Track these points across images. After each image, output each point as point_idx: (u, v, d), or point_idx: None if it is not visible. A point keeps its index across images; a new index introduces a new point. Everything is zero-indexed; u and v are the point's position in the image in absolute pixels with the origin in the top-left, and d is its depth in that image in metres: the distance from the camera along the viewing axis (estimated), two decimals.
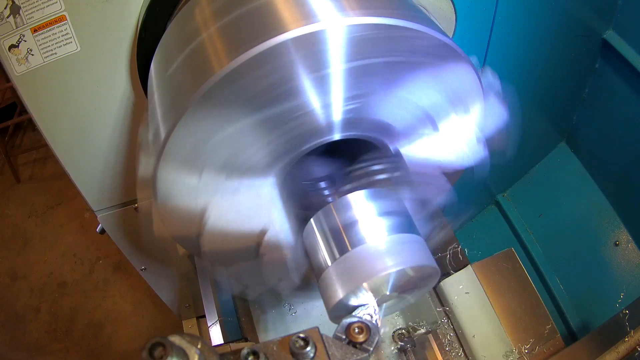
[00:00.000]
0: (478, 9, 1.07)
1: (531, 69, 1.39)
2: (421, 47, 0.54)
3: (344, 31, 0.50)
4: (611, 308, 1.45)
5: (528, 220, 1.74)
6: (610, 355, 0.80)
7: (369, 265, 0.52)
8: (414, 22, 0.52)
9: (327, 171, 0.66)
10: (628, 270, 1.52)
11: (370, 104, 0.56)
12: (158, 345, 0.40)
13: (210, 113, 0.52)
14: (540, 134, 1.73)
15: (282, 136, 0.56)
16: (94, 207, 1.15)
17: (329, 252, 0.56)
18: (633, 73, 1.37)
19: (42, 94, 0.91)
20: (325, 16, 0.50)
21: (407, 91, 0.57)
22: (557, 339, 0.94)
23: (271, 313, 1.17)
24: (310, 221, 0.59)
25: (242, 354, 0.46)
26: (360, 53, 0.52)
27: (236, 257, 0.66)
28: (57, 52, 0.86)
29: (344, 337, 0.52)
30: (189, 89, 0.52)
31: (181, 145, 0.54)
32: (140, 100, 0.94)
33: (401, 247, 0.54)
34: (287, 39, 0.49)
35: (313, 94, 0.53)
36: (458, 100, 0.61)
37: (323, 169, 0.64)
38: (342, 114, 0.55)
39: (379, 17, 0.51)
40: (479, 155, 0.63)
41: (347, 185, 0.62)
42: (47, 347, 2.35)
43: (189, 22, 0.64)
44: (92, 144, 1.00)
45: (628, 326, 0.82)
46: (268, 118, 0.54)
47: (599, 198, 1.63)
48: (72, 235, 2.73)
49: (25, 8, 0.84)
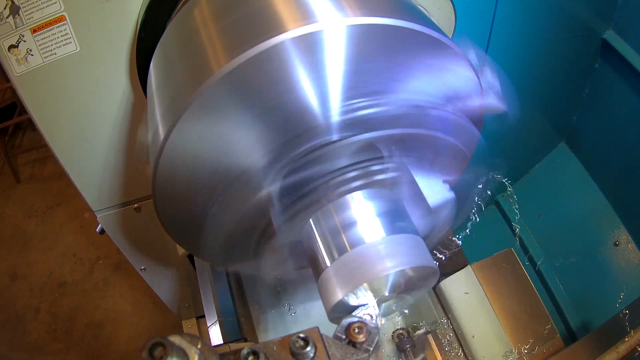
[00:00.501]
0: (477, 9, 1.07)
1: (531, 69, 1.39)
2: (420, 47, 0.54)
3: (343, 31, 0.50)
4: (611, 308, 1.45)
5: (528, 220, 1.74)
6: (610, 355, 0.80)
7: (368, 265, 0.52)
8: (412, 22, 0.52)
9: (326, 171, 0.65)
10: (628, 271, 1.52)
11: (370, 104, 0.56)
12: (158, 345, 0.40)
13: (208, 113, 0.52)
14: (540, 134, 1.73)
15: (281, 137, 0.56)
16: (94, 207, 1.15)
17: (327, 253, 0.56)
18: (633, 73, 1.37)
19: (41, 94, 0.91)
20: (324, 16, 0.50)
21: (406, 91, 0.57)
22: (557, 339, 0.94)
23: (271, 313, 1.17)
24: (309, 221, 0.59)
25: (242, 354, 0.46)
26: (359, 53, 0.52)
27: (235, 247, 0.65)
28: (57, 52, 0.86)
29: (344, 337, 0.52)
30: (188, 89, 0.52)
31: (180, 145, 0.54)
32: (140, 100, 0.94)
33: (400, 248, 0.54)
34: (285, 39, 0.49)
35: (312, 94, 0.53)
36: (457, 100, 0.61)
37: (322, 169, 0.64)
38: (341, 115, 0.55)
39: (378, 17, 0.51)
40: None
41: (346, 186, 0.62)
42: (46, 347, 2.36)
43: (188, 22, 0.64)
44: (92, 143, 1.00)
45: (628, 326, 0.82)
46: (267, 118, 0.54)
47: (598, 198, 1.63)
48: (72, 235, 2.73)
49: (24, 8, 0.84)
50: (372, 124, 0.55)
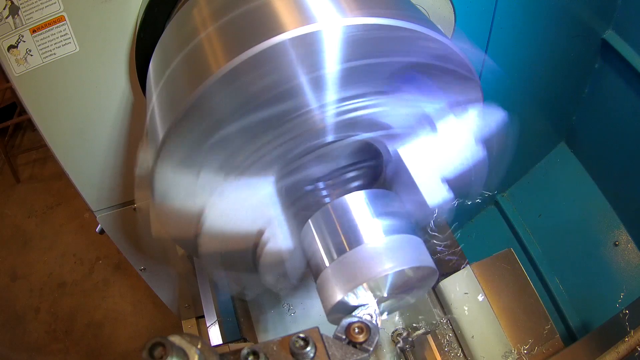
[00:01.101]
0: (477, 9, 1.07)
1: (530, 69, 1.39)
2: (418, 47, 0.54)
3: (341, 31, 0.50)
4: (610, 308, 1.45)
5: (527, 220, 1.74)
6: (610, 355, 0.80)
7: (367, 266, 0.52)
8: (411, 22, 0.52)
9: (326, 171, 0.65)
10: (627, 271, 1.52)
11: (369, 104, 0.56)
12: (158, 345, 0.40)
13: (207, 113, 0.52)
14: (539, 134, 1.73)
15: (280, 136, 0.56)
16: (93, 207, 1.15)
17: (326, 253, 0.56)
18: (633, 73, 1.37)
19: (41, 94, 0.91)
20: (322, 16, 0.50)
21: (406, 92, 0.57)
22: (556, 339, 0.94)
23: (270, 313, 1.17)
24: (308, 222, 0.59)
25: (242, 353, 0.46)
26: (358, 53, 0.52)
27: (234, 259, 0.66)
28: (56, 53, 0.86)
29: (344, 337, 0.52)
30: (187, 89, 0.52)
31: (179, 145, 0.54)
32: (139, 101, 0.94)
33: (399, 248, 0.54)
34: (284, 40, 0.49)
35: (311, 95, 0.53)
36: (457, 100, 0.61)
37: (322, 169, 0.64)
38: (339, 115, 0.55)
39: (376, 18, 0.50)
40: (477, 156, 0.63)
41: (345, 186, 0.62)
42: (46, 347, 2.36)
43: (187, 23, 0.64)
44: (92, 144, 1.00)
45: (628, 326, 0.82)
46: (266, 118, 0.54)
47: (598, 198, 1.63)
48: (71, 235, 2.73)
49: (24, 8, 0.84)
50: (369, 124, 0.55)
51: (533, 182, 1.79)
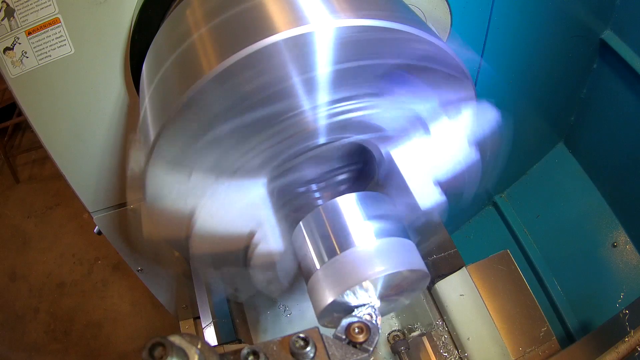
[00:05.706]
0: (473, 9, 1.07)
1: (528, 70, 1.39)
2: (412, 49, 0.54)
3: (333, 33, 0.50)
4: (609, 310, 1.45)
5: (526, 221, 1.73)
6: (610, 355, 0.80)
7: (357, 269, 0.52)
8: (404, 24, 0.52)
9: (317, 173, 0.65)
10: (626, 272, 1.52)
11: (361, 106, 0.56)
12: (158, 345, 0.40)
13: (199, 114, 0.52)
14: (538, 135, 1.73)
15: (272, 138, 0.56)
16: (90, 209, 1.15)
17: (317, 256, 0.56)
18: (631, 73, 1.37)
19: (37, 96, 0.91)
20: (315, 18, 0.50)
21: (398, 93, 0.57)
22: (553, 341, 0.93)
23: (266, 315, 1.17)
24: (299, 224, 0.59)
25: (242, 354, 0.46)
26: (351, 55, 0.51)
27: (225, 260, 0.66)
28: (52, 55, 0.86)
29: (344, 337, 0.52)
30: (179, 90, 0.52)
31: (170, 146, 0.54)
32: (135, 102, 0.94)
33: (390, 251, 0.54)
34: (276, 41, 0.49)
35: (303, 96, 0.53)
36: (450, 102, 0.61)
37: (314, 171, 0.64)
38: (332, 116, 0.55)
39: (369, 20, 0.50)
40: (471, 158, 0.62)
41: (337, 188, 0.61)
42: (45, 347, 2.36)
43: (180, 24, 0.64)
44: (88, 145, 1.00)
45: (628, 326, 0.82)
46: (258, 119, 0.54)
47: (597, 199, 1.63)
48: (71, 235, 2.74)
49: (19, 11, 0.84)
50: (361, 126, 0.55)
51: (531, 183, 1.78)
